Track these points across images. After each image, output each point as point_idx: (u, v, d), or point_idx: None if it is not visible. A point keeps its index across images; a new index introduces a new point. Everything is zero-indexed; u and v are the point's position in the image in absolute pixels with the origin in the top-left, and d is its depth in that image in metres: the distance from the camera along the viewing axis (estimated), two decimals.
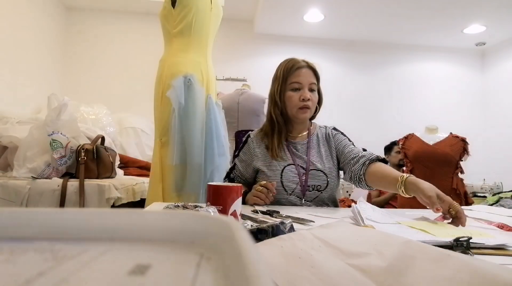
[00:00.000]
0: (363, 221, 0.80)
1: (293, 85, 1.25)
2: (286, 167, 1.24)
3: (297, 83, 1.24)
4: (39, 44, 3.25)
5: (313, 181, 1.23)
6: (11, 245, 0.24)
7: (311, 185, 1.22)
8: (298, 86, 1.24)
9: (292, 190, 1.22)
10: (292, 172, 1.23)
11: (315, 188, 1.23)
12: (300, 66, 1.25)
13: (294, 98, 1.24)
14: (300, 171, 1.24)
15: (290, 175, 1.23)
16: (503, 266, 0.37)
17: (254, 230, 0.57)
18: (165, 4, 1.57)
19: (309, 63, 1.27)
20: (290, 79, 1.25)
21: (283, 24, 3.90)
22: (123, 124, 3.00)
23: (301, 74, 1.24)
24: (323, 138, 1.33)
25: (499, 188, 3.41)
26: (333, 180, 1.26)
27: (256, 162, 1.28)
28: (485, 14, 3.49)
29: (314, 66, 1.28)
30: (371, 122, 4.19)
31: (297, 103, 1.24)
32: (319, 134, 1.34)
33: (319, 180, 1.23)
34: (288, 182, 1.22)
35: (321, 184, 1.23)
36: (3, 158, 1.89)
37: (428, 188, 0.91)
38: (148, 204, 1.41)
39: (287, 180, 1.22)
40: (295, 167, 1.24)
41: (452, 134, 2.41)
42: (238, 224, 0.23)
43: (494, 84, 4.34)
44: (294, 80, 1.24)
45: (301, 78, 1.24)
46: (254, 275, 0.16)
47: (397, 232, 0.71)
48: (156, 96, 1.54)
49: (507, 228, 0.84)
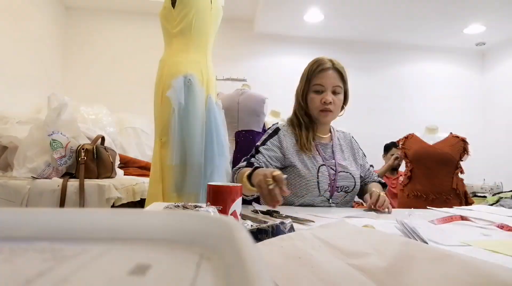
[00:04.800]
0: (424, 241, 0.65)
1: (316, 87, 1.23)
2: (320, 167, 1.22)
3: (320, 85, 1.22)
4: (39, 44, 3.25)
5: (342, 182, 1.23)
6: (11, 245, 0.24)
7: (340, 186, 1.23)
8: (320, 89, 1.22)
9: (324, 190, 1.20)
10: (325, 173, 1.21)
11: (343, 189, 1.23)
12: (324, 68, 1.22)
13: (315, 100, 1.23)
14: (331, 172, 1.23)
15: (324, 175, 1.21)
16: (503, 266, 0.37)
17: (254, 230, 0.57)
18: (165, 4, 1.57)
19: (335, 65, 1.23)
20: (313, 80, 1.23)
21: (283, 24, 3.90)
22: (123, 124, 3.01)
23: (324, 76, 1.22)
24: (345, 142, 1.35)
25: (499, 188, 3.41)
26: (358, 182, 1.28)
27: (288, 155, 1.22)
28: (485, 14, 3.49)
29: (340, 68, 1.24)
30: (371, 122, 4.19)
31: (319, 105, 1.22)
32: (340, 138, 1.36)
33: (347, 182, 1.24)
34: (322, 182, 1.20)
35: (349, 186, 1.24)
36: (3, 158, 1.89)
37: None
38: (148, 204, 1.41)
39: (322, 180, 1.20)
40: (326, 168, 1.23)
41: (452, 134, 2.40)
42: (238, 224, 0.23)
43: (494, 84, 4.34)
44: (317, 82, 1.22)
45: (324, 80, 1.21)
46: (254, 275, 0.16)
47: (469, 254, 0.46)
48: (156, 96, 1.54)
49: (507, 228, 0.84)
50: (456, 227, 0.87)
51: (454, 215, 0.97)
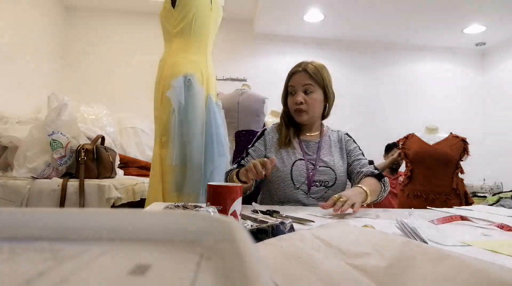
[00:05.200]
0: (424, 242, 0.67)
1: (289, 89, 1.33)
2: (297, 161, 1.28)
3: (292, 86, 1.32)
4: (39, 44, 3.25)
5: (320, 177, 1.26)
6: (11, 245, 0.24)
7: (319, 181, 1.25)
8: (292, 90, 1.32)
9: (300, 184, 1.25)
10: (301, 167, 1.27)
11: (322, 184, 1.26)
12: (295, 71, 1.32)
13: (290, 102, 1.33)
14: (309, 166, 1.27)
15: (300, 169, 1.27)
16: (503, 266, 0.37)
17: (254, 230, 0.57)
18: (165, 4, 1.57)
19: (307, 67, 1.30)
20: (288, 84, 1.34)
21: (283, 24, 3.90)
22: (123, 124, 3.00)
23: (294, 78, 1.31)
24: (335, 140, 1.37)
25: (499, 188, 3.41)
26: (342, 178, 1.28)
27: (268, 151, 1.33)
28: (485, 14, 3.49)
29: (310, 69, 1.29)
30: (370, 122, 4.19)
31: (292, 106, 1.31)
32: (331, 136, 1.38)
33: (326, 176, 1.26)
34: (297, 175, 1.26)
35: (328, 180, 1.26)
36: (3, 158, 1.89)
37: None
38: (148, 204, 1.41)
39: (296, 174, 1.26)
40: (305, 162, 1.28)
41: (452, 134, 2.40)
42: (238, 224, 0.23)
43: (494, 84, 4.34)
44: (289, 84, 1.33)
45: (294, 81, 1.31)
46: (254, 275, 0.16)
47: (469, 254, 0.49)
48: (156, 96, 1.54)
49: (507, 228, 0.84)
50: (456, 227, 0.87)
51: (454, 215, 0.97)
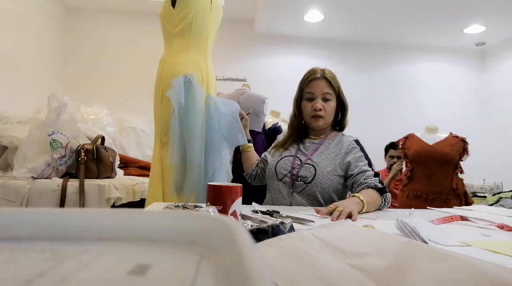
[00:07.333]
0: (424, 242, 0.67)
1: (307, 95, 1.37)
2: (286, 157, 1.37)
3: (310, 93, 1.35)
4: (39, 44, 3.25)
5: (302, 172, 1.30)
6: (11, 245, 0.24)
7: (300, 176, 1.30)
8: (311, 96, 1.36)
9: (282, 176, 1.32)
10: (287, 162, 1.35)
11: (302, 179, 1.29)
12: (314, 78, 1.35)
13: (307, 107, 1.37)
14: (296, 162, 1.33)
15: (285, 163, 1.35)
16: (503, 266, 0.37)
17: (254, 230, 0.57)
18: (165, 4, 1.57)
19: (325, 74, 1.35)
20: (305, 89, 1.37)
21: (283, 24, 3.89)
22: (123, 124, 3.00)
23: (314, 85, 1.35)
24: (338, 144, 1.35)
25: (499, 188, 3.41)
26: (323, 175, 1.26)
27: (271, 149, 1.51)
28: (485, 14, 3.49)
29: (330, 77, 1.35)
30: (370, 122, 4.18)
31: (310, 112, 1.35)
32: (336, 140, 1.37)
33: (307, 172, 1.29)
34: (280, 168, 1.34)
35: (307, 176, 1.28)
36: (3, 158, 1.89)
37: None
38: (148, 204, 1.41)
39: (281, 167, 1.35)
40: (293, 158, 1.35)
41: (452, 134, 2.40)
42: (238, 224, 0.23)
43: (494, 84, 4.34)
44: (308, 91, 1.36)
45: (314, 89, 1.35)
46: (254, 275, 0.16)
47: (469, 254, 0.51)
48: (156, 96, 1.54)
49: (507, 228, 0.84)
50: (456, 227, 0.87)
51: (454, 215, 0.97)
